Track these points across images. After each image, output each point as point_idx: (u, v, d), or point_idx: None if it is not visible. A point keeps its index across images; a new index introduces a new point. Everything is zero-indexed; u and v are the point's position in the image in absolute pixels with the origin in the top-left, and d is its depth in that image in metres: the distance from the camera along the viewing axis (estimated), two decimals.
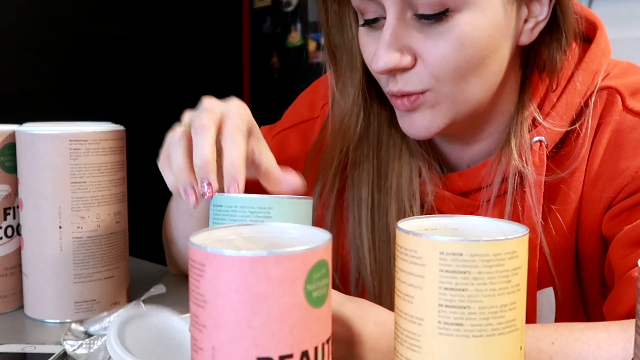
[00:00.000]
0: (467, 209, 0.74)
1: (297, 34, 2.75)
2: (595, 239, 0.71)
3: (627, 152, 0.67)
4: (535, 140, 0.69)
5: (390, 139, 0.76)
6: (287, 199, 0.57)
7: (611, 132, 0.69)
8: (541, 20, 0.68)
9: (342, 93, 0.76)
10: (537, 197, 0.68)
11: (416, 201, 0.75)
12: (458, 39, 0.64)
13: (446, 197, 0.75)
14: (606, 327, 0.56)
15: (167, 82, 2.51)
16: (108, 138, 0.75)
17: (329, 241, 0.40)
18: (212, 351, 0.38)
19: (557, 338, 0.55)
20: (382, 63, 0.65)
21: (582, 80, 0.70)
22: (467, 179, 0.74)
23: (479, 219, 0.47)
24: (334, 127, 0.78)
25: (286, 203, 0.56)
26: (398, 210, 0.75)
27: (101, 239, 0.76)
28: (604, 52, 0.72)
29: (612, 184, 0.68)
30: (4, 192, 0.77)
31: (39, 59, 2.20)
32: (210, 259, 0.38)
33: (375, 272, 0.76)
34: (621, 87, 0.69)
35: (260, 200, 0.56)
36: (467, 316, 0.40)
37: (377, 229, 0.76)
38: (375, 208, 0.76)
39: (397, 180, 0.76)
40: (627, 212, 0.67)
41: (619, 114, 0.69)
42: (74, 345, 0.63)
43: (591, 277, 0.73)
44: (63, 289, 0.74)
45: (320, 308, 0.39)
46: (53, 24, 2.22)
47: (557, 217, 0.70)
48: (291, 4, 2.74)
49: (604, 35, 0.73)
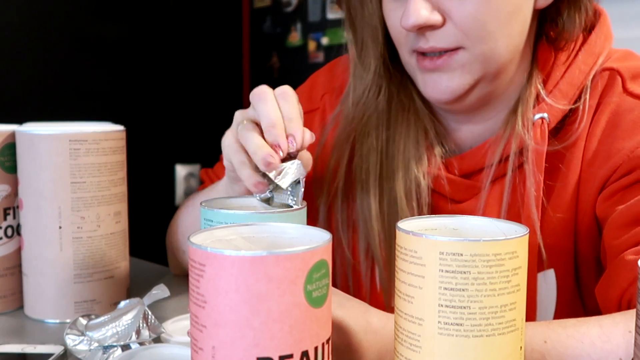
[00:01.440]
0: (469, 190, 0.75)
1: (297, 34, 2.75)
2: (589, 219, 0.71)
3: (624, 133, 0.68)
4: (538, 118, 0.70)
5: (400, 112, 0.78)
6: (279, 213, 0.57)
7: (610, 113, 0.70)
8: None
9: (364, 65, 0.77)
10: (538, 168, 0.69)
11: (422, 163, 0.76)
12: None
13: (448, 179, 0.76)
14: (598, 321, 0.56)
15: (167, 82, 2.51)
16: (108, 138, 0.75)
17: (329, 241, 0.40)
18: (212, 351, 0.38)
19: (549, 335, 0.54)
20: (412, 19, 0.67)
21: (585, 61, 0.72)
22: (468, 160, 0.75)
23: (479, 219, 0.47)
24: (355, 99, 0.79)
25: (278, 217, 0.56)
26: (405, 173, 0.76)
27: (101, 239, 0.76)
28: (607, 36, 0.73)
29: (607, 163, 0.68)
30: (4, 192, 0.77)
31: (39, 58, 2.20)
32: (210, 259, 0.38)
33: (384, 242, 0.76)
34: (622, 70, 0.71)
35: (252, 217, 0.56)
36: (467, 316, 0.40)
37: (385, 198, 0.76)
38: (383, 175, 0.77)
39: (404, 144, 0.76)
40: (621, 193, 0.68)
41: (618, 95, 0.70)
42: (75, 340, 0.63)
43: (586, 261, 0.73)
44: (63, 289, 0.74)
45: (320, 308, 0.39)
46: (53, 24, 2.22)
47: (556, 195, 0.71)
48: (291, 4, 2.74)
49: (607, 22, 0.75)
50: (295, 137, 0.60)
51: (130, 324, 0.64)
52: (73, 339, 0.64)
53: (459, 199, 0.75)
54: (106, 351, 0.63)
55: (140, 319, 0.65)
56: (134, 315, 0.65)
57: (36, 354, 0.63)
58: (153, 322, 0.66)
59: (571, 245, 0.73)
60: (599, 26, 0.73)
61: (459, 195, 0.75)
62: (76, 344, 0.63)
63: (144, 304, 0.66)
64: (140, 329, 0.64)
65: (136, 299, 0.67)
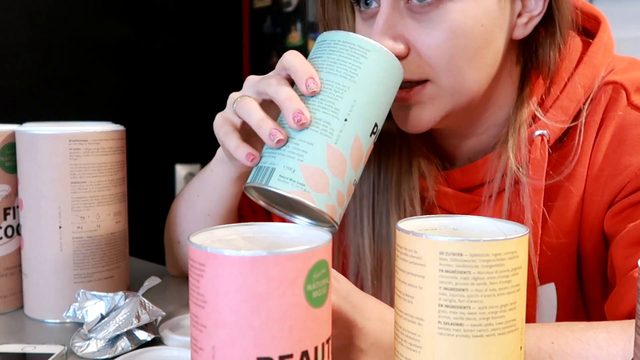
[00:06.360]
0: (469, 204, 0.74)
1: (297, 34, 2.75)
2: (596, 236, 0.70)
3: (630, 148, 0.67)
4: (537, 135, 0.69)
5: (389, 135, 0.77)
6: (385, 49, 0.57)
7: (615, 128, 0.68)
8: (536, 15, 0.68)
9: None
10: (535, 196, 0.68)
11: (416, 195, 0.75)
12: (450, 27, 0.64)
13: (448, 194, 0.75)
14: (606, 327, 0.56)
15: (167, 82, 2.51)
16: (108, 138, 0.75)
17: (329, 241, 0.40)
18: (212, 351, 0.38)
19: (557, 337, 0.55)
20: None
21: (585, 74, 0.70)
22: (469, 175, 0.74)
23: (479, 219, 0.47)
24: None
25: (383, 52, 0.57)
26: (398, 206, 0.75)
27: (101, 239, 0.76)
28: (607, 46, 0.72)
29: (615, 180, 0.67)
30: (4, 192, 0.77)
31: (39, 58, 2.20)
32: (211, 259, 0.38)
33: (375, 270, 0.76)
34: (626, 83, 0.69)
35: (362, 41, 0.57)
36: (467, 316, 0.40)
37: (377, 226, 0.76)
38: (376, 204, 0.76)
39: (397, 176, 0.76)
40: (630, 210, 0.67)
41: (623, 109, 0.68)
42: (82, 346, 0.65)
43: (591, 275, 0.73)
44: (63, 289, 0.74)
45: (320, 308, 0.39)
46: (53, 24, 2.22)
47: (558, 212, 0.70)
48: (291, 4, 2.74)
49: (607, 30, 0.73)
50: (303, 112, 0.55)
51: (129, 314, 0.65)
52: (80, 346, 0.64)
53: (459, 213, 0.75)
54: (114, 344, 0.64)
55: (137, 308, 0.66)
56: (130, 307, 0.66)
57: (36, 354, 0.63)
58: (151, 307, 0.67)
59: (574, 260, 0.72)
60: (598, 36, 0.72)
61: (458, 209, 0.75)
62: (84, 348, 0.64)
63: (138, 295, 0.67)
64: (139, 314, 0.65)
65: (130, 293, 0.68)
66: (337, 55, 0.57)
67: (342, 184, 0.54)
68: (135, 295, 0.68)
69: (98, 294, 0.68)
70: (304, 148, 0.54)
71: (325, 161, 0.54)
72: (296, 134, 0.55)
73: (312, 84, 0.55)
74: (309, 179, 0.53)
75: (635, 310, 0.63)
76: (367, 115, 0.56)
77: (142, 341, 0.66)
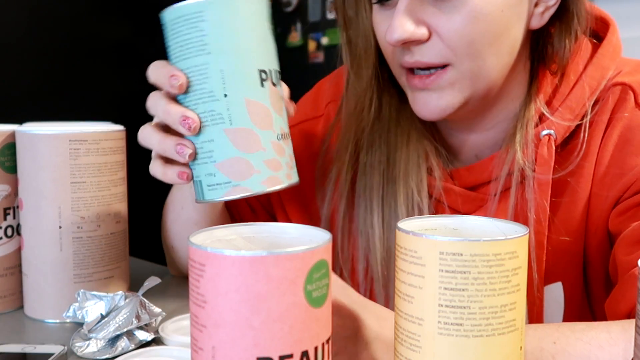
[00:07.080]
0: (475, 202, 0.75)
1: (297, 34, 2.75)
2: (601, 235, 0.71)
3: (637, 149, 0.68)
4: (545, 134, 0.70)
5: (399, 126, 0.77)
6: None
7: (621, 129, 0.69)
8: (551, 5, 0.69)
9: (357, 75, 0.77)
10: (541, 193, 0.69)
11: (423, 187, 0.75)
12: (471, 12, 0.65)
13: (454, 191, 0.75)
14: (607, 327, 0.57)
15: None
16: (108, 138, 0.75)
17: (329, 241, 0.40)
18: (212, 351, 0.38)
19: (558, 337, 0.55)
20: (396, 34, 0.66)
21: (593, 76, 0.71)
22: (475, 173, 0.75)
23: (479, 219, 0.47)
24: (348, 109, 0.78)
25: (219, 2, 0.52)
26: (406, 197, 0.75)
27: (101, 239, 0.76)
28: (616, 49, 0.73)
29: (621, 180, 0.68)
30: (4, 192, 0.77)
31: (40, 59, 2.20)
32: (211, 259, 0.38)
33: (384, 261, 0.76)
34: (634, 84, 0.70)
35: (191, 5, 0.52)
36: (467, 316, 0.40)
37: (387, 217, 0.76)
38: (385, 195, 0.76)
39: (405, 167, 0.76)
40: (634, 209, 0.67)
41: (630, 110, 0.69)
42: (82, 346, 0.65)
43: (597, 274, 0.73)
44: (63, 289, 0.74)
45: (320, 308, 0.39)
46: (53, 24, 2.22)
47: (565, 211, 0.71)
48: (291, 4, 2.74)
49: (616, 32, 0.74)
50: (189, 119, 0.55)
51: (129, 314, 0.66)
52: (80, 346, 0.65)
53: (465, 211, 0.75)
54: (114, 344, 0.64)
55: (137, 308, 0.66)
56: (130, 307, 0.66)
57: (36, 354, 0.63)
58: (151, 307, 0.68)
59: (580, 259, 0.72)
60: (607, 38, 0.72)
61: (464, 207, 0.75)
62: (84, 348, 0.64)
63: (138, 295, 0.67)
64: (139, 314, 0.66)
65: (130, 293, 0.68)
66: (178, 36, 0.54)
67: (264, 152, 0.53)
68: (135, 295, 0.68)
69: (98, 294, 0.68)
70: (209, 148, 0.53)
71: (233, 147, 0.53)
72: (196, 139, 0.54)
73: (175, 80, 0.54)
74: (230, 173, 0.52)
75: (635, 309, 0.63)
76: (243, 75, 0.53)
77: (142, 341, 0.66)
